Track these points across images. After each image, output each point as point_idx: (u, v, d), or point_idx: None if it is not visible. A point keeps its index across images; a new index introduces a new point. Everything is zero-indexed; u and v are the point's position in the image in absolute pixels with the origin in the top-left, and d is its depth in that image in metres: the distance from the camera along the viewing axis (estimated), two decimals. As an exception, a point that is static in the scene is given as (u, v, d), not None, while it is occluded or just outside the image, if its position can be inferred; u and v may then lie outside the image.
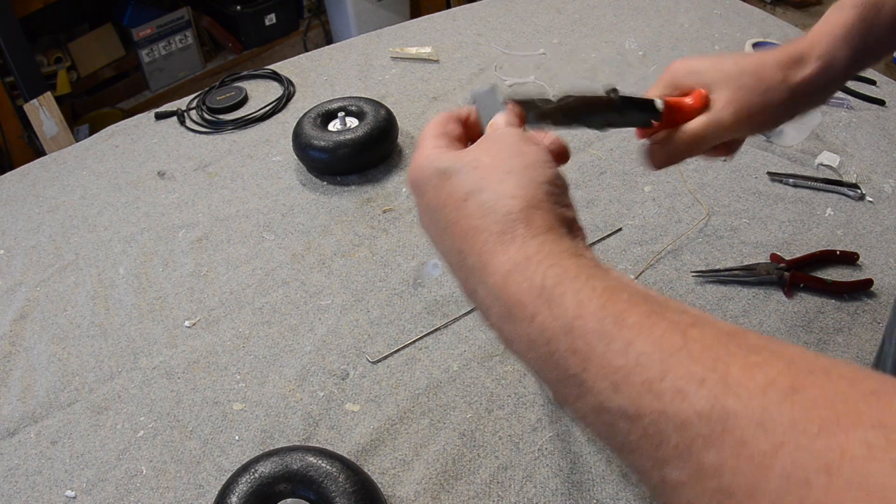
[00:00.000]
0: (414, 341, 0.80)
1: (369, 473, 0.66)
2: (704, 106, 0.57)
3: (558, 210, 0.39)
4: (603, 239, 0.91)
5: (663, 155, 0.58)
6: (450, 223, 0.40)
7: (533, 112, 0.50)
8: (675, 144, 0.57)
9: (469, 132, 0.46)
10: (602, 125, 0.55)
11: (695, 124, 0.56)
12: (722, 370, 0.28)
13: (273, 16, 2.62)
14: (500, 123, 0.45)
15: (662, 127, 0.58)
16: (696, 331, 0.30)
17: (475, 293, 0.39)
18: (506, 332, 0.37)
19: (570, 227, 0.39)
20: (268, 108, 1.18)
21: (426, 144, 0.44)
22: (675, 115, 0.58)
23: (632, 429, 0.30)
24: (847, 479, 0.23)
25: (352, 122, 1.05)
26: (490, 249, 0.37)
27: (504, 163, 0.40)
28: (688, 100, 0.58)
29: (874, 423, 0.24)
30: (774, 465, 0.25)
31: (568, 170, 1.12)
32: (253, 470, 0.63)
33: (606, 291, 0.33)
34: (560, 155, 0.45)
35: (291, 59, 1.32)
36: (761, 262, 0.86)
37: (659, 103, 0.56)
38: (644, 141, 0.60)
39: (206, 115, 1.18)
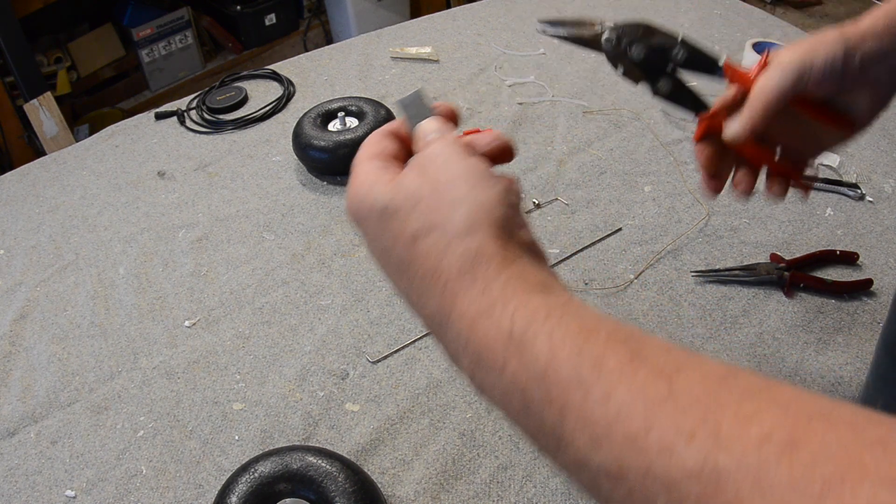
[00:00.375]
0: (414, 341, 0.80)
1: (369, 473, 0.66)
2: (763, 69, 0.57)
3: (516, 235, 0.36)
4: (603, 239, 0.91)
5: (745, 120, 0.55)
6: (403, 265, 0.36)
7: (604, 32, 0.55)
8: (748, 103, 0.55)
9: (406, 147, 0.43)
10: (663, 67, 0.56)
11: (761, 78, 0.55)
12: (713, 422, 0.25)
13: (273, 16, 2.62)
14: (427, 129, 0.41)
15: (719, 110, 0.58)
16: (682, 376, 0.27)
17: (443, 337, 0.35)
18: (478, 380, 0.33)
19: (531, 250, 0.36)
20: (268, 108, 1.18)
21: (360, 169, 0.39)
22: (736, 81, 0.57)
23: (615, 487, 0.27)
24: None
25: (352, 122, 1.05)
26: (451, 293, 0.34)
27: (447, 191, 0.36)
28: (751, 70, 0.58)
29: (882, 478, 0.21)
30: None
31: (568, 170, 1.12)
32: (253, 470, 0.63)
33: (582, 332, 0.30)
34: (502, 152, 0.41)
35: (291, 59, 1.32)
36: (761, 262, 0.86)
37: (722, 59, 0.57)
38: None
39: (206, 115, 1.18)
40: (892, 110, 1.14)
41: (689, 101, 0.58)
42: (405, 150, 0.42)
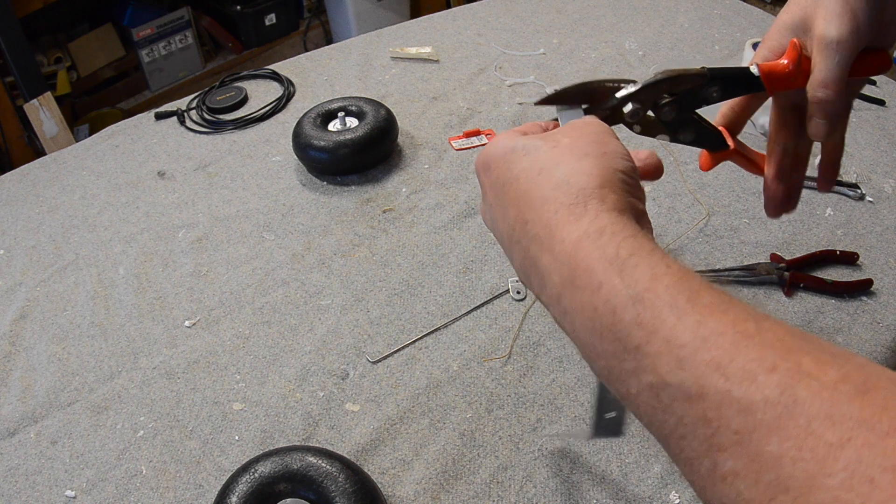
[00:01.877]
0: (414, 341, 0.80)
1: (369, 473, 0.66)
2: (800, 57, 0.51)
3: (630, 199, 0.39)
4: (603, 239, 0.91)
5: (826, 121, 0.50)
6: (519, 194, 0.40)
7: (621, 100, 0.49)
8: (819, 101, 0.50)
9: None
10: (698, 105, 0.51)
11: (816, 66, 0.49)
12: (794, 360, 0.27)
13: (273, 16, 2.62)
14: (585, 118, 0.46)
15: (765, 97, 0.54)
16: (768, 322, 0.30)
17: (536, 262, 0.38)
18: (565, 301, 0.35)
19: (640, 218, 0.39)
20: (268, 108, 1.18)
21: (502, 134, 0.44)
22: (775, 80, 0.51)
23: (689, 410, 0.29)
24: None
25: (352, 122, 1.05)
26: (560, 219, 0.37)
27: (583, 146, 0.40)
28: (783, 61, 0.52)
29: None
30: (839, 459, 0.24)
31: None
32: (253, 470, 0.63)
33: (681, 271, 0.33)
34: (654, 170, 0.45)
35: (291, 59, 1.32)
36: (761, 262, 0.86)
37: (754, 68, 0.51)
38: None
39: (206, 115, 1.18)
40: (892, 110, 1.15)
41: (711, 141, 0.53)
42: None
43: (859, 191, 0.95)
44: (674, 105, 0.50)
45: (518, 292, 0.85)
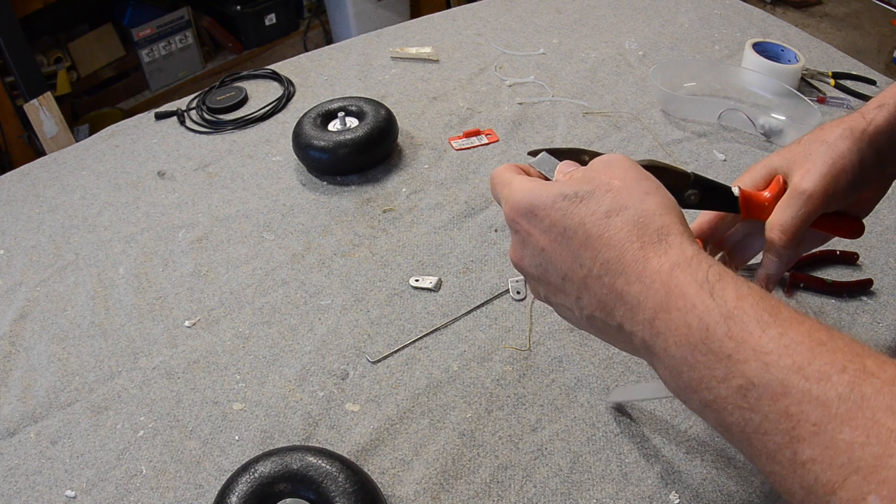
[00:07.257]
0: (414, 341, 0.80)
1: (369, 473, 0.66)
2: (780, 193, 0.55)
3: (688, 230, 0.43)
4: (603, 239, 0.91)
5: (777, 259, 0.56)
6: (591, 237, 0.43)
7: None
8: (772, 242, 0.56)
9: None
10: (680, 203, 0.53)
11: (780, 208, 0.55)
12: (860, 362, 0.33)
13: (273, 16, 2.63)
14: (610, 155, 0.48)
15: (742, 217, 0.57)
16: (836, 332, 0.35)
17: (623, 294, 0.42)
18: (658, 323, 0.40)
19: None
20: (268, 108, 1.18)
21: (518, 181, 0.47)
22: (752, 207, 0.55)
23: (773, 406, 0.34)
24: None
25: (352, 122, 1.05)
26: (647, 255, 0.41)
27: (636, 184, 0.44)
28: (765, 193, 0.56)
29: None
30: None
31: (568, 170, 1.10)
32: (253, 470, 0.63)
33: (761, 291, 0.38)
34: None
35: (291, 59, 1.32)
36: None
37: (735, 190, 0.55)
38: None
39: (206, 115, 1.18)
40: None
41: (714, 207, 0.55)
42: None
43: (859, 191, 0.95)
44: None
45: (518, 292, 0.85)
